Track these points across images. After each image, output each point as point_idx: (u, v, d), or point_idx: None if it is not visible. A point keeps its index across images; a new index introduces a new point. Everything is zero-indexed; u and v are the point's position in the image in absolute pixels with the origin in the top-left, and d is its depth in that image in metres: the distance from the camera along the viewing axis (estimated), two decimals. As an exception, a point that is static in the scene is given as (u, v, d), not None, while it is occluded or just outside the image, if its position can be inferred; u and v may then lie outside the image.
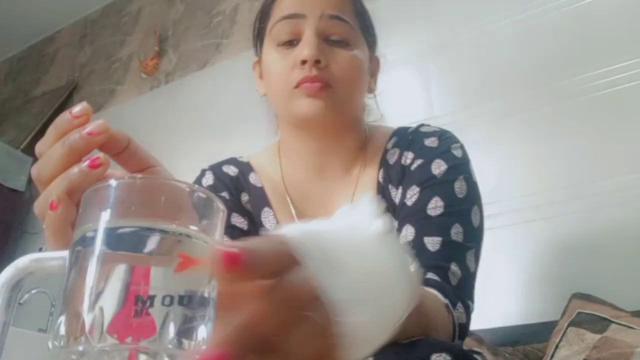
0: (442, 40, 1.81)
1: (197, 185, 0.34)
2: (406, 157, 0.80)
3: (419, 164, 0.77)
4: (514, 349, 1.23)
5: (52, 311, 2.17)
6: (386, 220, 0.36)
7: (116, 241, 0.30)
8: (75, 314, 0.29)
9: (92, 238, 0.30)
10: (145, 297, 0.29)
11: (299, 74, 0.75)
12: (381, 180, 0.81)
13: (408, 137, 0.83)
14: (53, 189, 0.38)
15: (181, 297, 0.29)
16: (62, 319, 0.29)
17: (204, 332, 0.30)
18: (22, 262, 0.35)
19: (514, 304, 1.39)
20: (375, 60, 0.89)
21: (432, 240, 0.69)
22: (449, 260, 0.68)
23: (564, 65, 1.55)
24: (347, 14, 0.79)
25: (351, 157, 0.84)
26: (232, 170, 0.87)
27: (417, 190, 0.74)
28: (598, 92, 1.47)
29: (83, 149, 0.38)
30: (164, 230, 0.30)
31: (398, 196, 0.78)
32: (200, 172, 0.88)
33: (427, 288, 0.63)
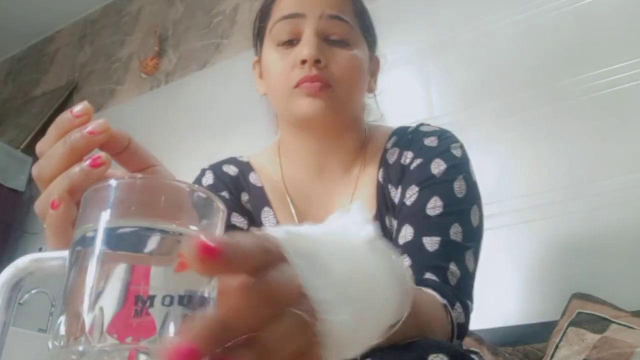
0: (442, 40, 1.81)
1: (197, 185, 0.34)
2: (406, 157, 0.80)
3: (418, 163, 0.77)
4: (514, 349, 1.23)
5: (52, 311, 2.17)
6: (376, 226, 0.36)
7: (116, 241, 0.30)
8: (75, 314, 0.29)
9: (92, 238, 0.30)
10: (145, 297, 0.29)
11: (298, 73, 0.75)
12: (381, 180, 0.81)
13: (408, 137, 0.83)
14: (54, 188, 0.38)
15: (181, 297, 0.29)
16: (62, 319, 0.29)
17: None
18: (22, 262, 0.35)
19: (514, 304, 1.39)
20: (375, 60, 0.89)
21: (431, 240, 0.69)
22: (447, 260, 0.68)
23: (564, 65, 1.55)
24: (347, 14, 0.79)
25: (351, 156, 0.84)
26: (232, 169, 0.87)
27: (417, 189, 0.74)
28: (598, 92, 1.47)
29: (84, 148, 0.38)
30: (164, 230, 0.30)
31: (397, 196, 0.78)
32: (200, 171, 0.88)
33: (425, 288, 0.63)
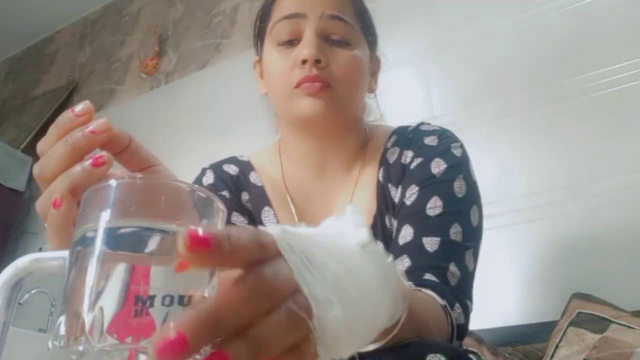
0: (442, 40, 1.81)
1: (198, 185, 0.34)
2: (406, 156, 0.80)
3: (418, 162, 0.77)
4: (514, 349, 1.23)
5: (52, 311, 2.17)
6: (370, 230, 0.37)
7: (116, 241, 0.30)
8: (75, 314, 0.29)
9: (92, 238, 0.30)
10: (145, 297, 0.29)
11: (299, 73, 0.75)
12: (381, 180, 0.81)
13: (408, 136, 0.83)
14: (56, 187, 0.38)
15: (181, 297, 0.29)
16: (62, 319, 0.29)
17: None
18: (22, 262, 0.35)
19: (514, 304, 1.39)
20: (375, 59, 0.89)
21: (431, 241, 0.69)
22: (447, 260, 0.68)
23: (564, 65, 1.55)
24: (348, 14, 0.79)
25: (351, 156, 0.84)
26: (232, 169, 0.87)
27: (416, 189, 0.74)
28: (598, 92, 1.47)
29: (85, 147, 0.38)
30: (164, 230, 0.30)
31: (397, 195, 0.78)
32: (200, 170, 0.88)
33: (425, 289, 0.63)
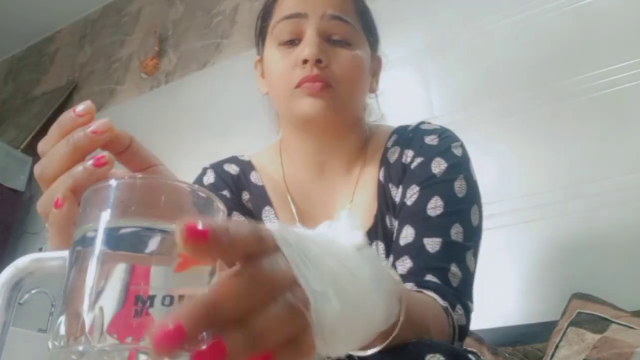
0: (442, 40, 1.81)
1: (198, 184, 0.34)
2: (406, 155, 0.80)
3: (419, 162, 0.77)
4: (514, 349, 1.23)
5: (52, 311, 2.17)
6: (364, 234, 0.37)
7: (116, 241, 0.30)
8: (75, 314, 0.29)
9: (92, 238, 0.30)
10: (145, 297, 0.29)
11: (300, 73, 0.75)
12: (382, 179, 0.81)
13: (408, 135, 0.83)
14: (57, 187, 0.38)
15: (181, 297, 0.29)
16: (62, 319, 0.29)
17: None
18: (22, 262, 0.35)
19: (514, 304, 1.39)
20: (377, 59, 0.88)
21: (432, 241, 0.69)
22: (449, 261, 0.68)
23: (563, 65, 1.55)
24: (349, 14, 0.79)
25: (352, 156, 0.84)
26: (233, 168, 0.87)
27: (417, 189, 0.74)
28: (598, 92, 1.47)
29: (87, 147, 0.38)
30: (164, 230, 0.30)
31: (398, 195, 0.78)
32: (201, 170, 0.88)
33: (426, 291, 0.63)
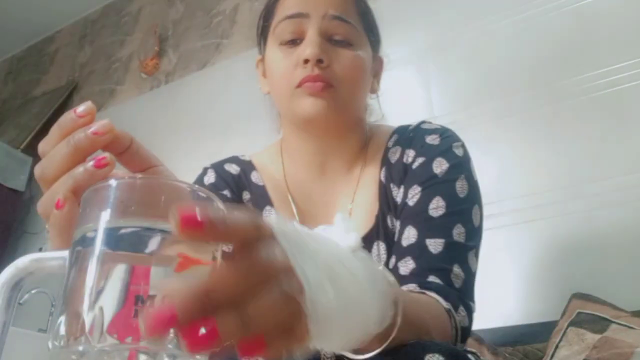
0: (442, 40, 1.81)
1: (199, 184, 0.34)
2: (408, 155, 0.80)
3: (420, 162, 0.77)
4: (514, 349, 1.23)
5: (52, 311, 2.17)
6: (358, 236, 0.38)
7: (116, 241, 0.30)
8: (75, 314, 0.29)
9: (92, 238, 0.30)
10: (145, 297, 0.29)
11: (301, 73, 0.75)
12: (383, 180, 0.81)
13: (409, 135, 0.83)
14: (58, 188, 0.37)
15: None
16: (62, 319, 0.29)
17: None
18: (22, 262, 0.35)
19: (514, 304, 1.39)
20: (378, 60, 0.88)
21: (435, 242, 0.69)
22: (451, 262, 0.68)
23: (564, 65, 1.55)
24: (350, 15, 0.79)
25: (352, 156, 0.84)
26: (234, 168, 0.87)
27: (419, 189, 0.74)
28: (598, 92, 1.47)
29: (88, 148, 0.37)
30: (164, 230, 0.30)
31: (400, 195, 0.78)
32: (202, 170, 0.88)
33: (429, 292, 0.63)
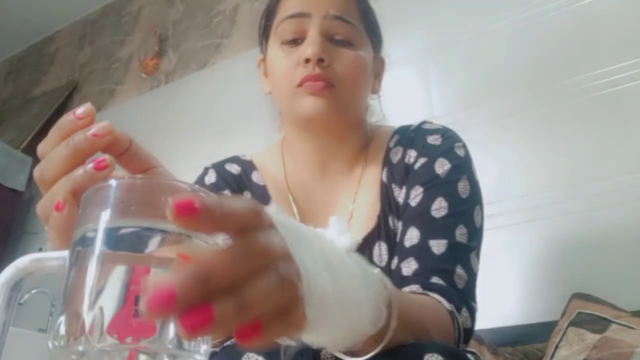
0: (442, 40, 1.81)
1: (200, 184, 0.34)
2: (409, 156, 0.80)
3: (422, 162, 0.77)
4: (514, 349, 1.23)
5: (52, 311, 2.17)
6: (352, 237, 0.38)
7: (116, 241, 0.30)
8: (75, 314, 0.29)
9: (92, 238, 0.30)
10: (145, 297, 0.29)
11: (302, 72, 0.75)
12: (385, 180, 0.81)
13: (410, 135, 0.83)
14: (58, 190, 0.37)
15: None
16: (62, 319, 0.29)
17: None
18: (22, 262, 0.35)
19: (514, 304, 1.39)
20: (380, 60, 0.88)
21: (437, 243, 0.69)
22: (454, 263, 0.68)
23: (564, 65, 1.55)
24: (352, 15, 0.79)
25: (353, 156, 0.84)
26: (234, 168, 0.87)
27: (421, 190, 0.74)
28: (598, 92, 1.47)
29: (87, 150, 0.37)
30: (164, 230, 0.30)
31: (402, 196, 0.78)
32: (203, 169, 0.88)
33: (432, 293, 0.63)
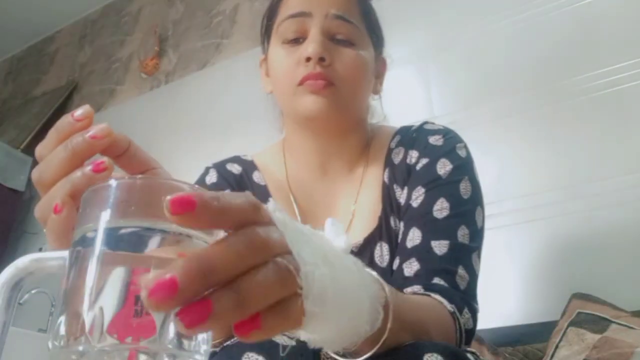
0: (442, 40, 1.81)
1: (201, 183, 0.34)
2: (411, 156, 0.80)
3: (424, 163, 0.77)
4: (514, 349, 1.23)
5: (52, 311, 2.17)
6: (348, 239, 0.39)
7: (116, 241, 0.30)
8: (75, 314, 0.29)
9: (92, 238, 0.30)
10: (145, 297, 0.29)
11: (303, 70, 0.75)
12: (386, 181, 0.81)
13: (412, 135, 0.83)
14: (56, 192, 0.37)
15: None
16: (62, 319, 0.29)
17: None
18: (22, 262, 0.35)
19: (514, 304, 1.39)
20: (381, 61, 0.88)
21: (439, 244, 0.69)
22: (456, 263, 0.68)
23: (564, 65, 1.55)
24: (353, 15, 0.79)
25: (354, 156, 0.84)
26: (235, 168, 0.87)
27: (423, 191, 0.74)
28: (598, 92, 1.47)
29: (86, 152, 0.37)
30: (164, 230, 0.30)
31: (403, 196, 0.78)
32: (204, 169, 0.88)
33: (433, 294, 0.63)
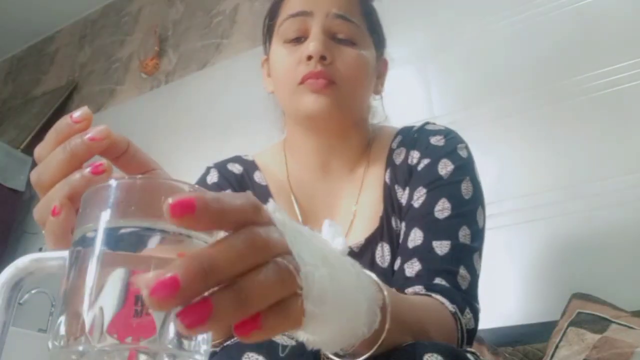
0: (442, 40, 1.81)
1: (202, 183, 0.34)
2: (412, 157, 0.80)
3: (425, 163, 0.77)
4: (514, 349, 1.23)
5: (52, 311, 2.17)
6: (345, 241, 0.39)
7: (116, 241, 0.30)
8: (75, 314, 0.29)
9: (92, 238, 0.30)
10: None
11: (304, 69, 0.75)
12: (388, 181, 0.81)
13: (413, 136, 0.83)
14: (54, 194, 0.37)
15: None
16: (62, 319, 0.29)
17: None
18: (22, 262, 0.35)
19: (514, 304, 1.39)
20: (382, 61, 0.88)
21: (441, 244, 0.69)
22: (458, 264, 0.68)
23: (564, 65, 1.55)
24: (354, 14, 0.80)
25: (355, 156, 0.84)
26: (236, 168, 0.87)
27: (424, 191, 0.74)
28: (598, 92, 1.47)
29: (85, 154, 0.37)
30: (164, 230, 0.30)
31: (405, 197, 0.78)
32: (205, 169, 0.88)
33: (435, 294, 0.63)
